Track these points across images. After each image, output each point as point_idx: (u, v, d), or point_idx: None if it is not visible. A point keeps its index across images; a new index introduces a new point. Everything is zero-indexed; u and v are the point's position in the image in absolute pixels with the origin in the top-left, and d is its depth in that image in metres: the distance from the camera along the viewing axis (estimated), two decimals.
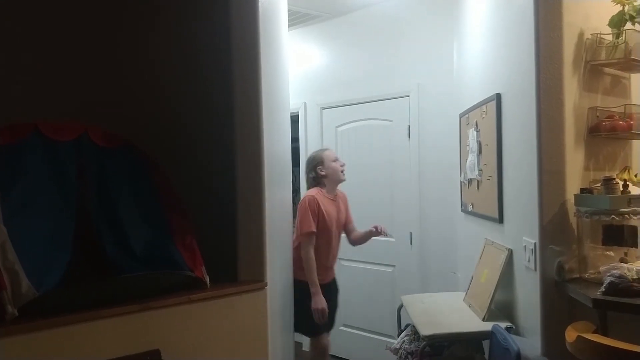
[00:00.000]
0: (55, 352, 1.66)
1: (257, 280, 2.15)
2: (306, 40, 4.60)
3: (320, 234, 3.33)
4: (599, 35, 2.28)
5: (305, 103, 4.64)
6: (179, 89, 2.37)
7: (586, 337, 1.71)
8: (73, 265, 1.78)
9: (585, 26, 2.29)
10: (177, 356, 1.89)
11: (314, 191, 3.38)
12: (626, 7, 2.22)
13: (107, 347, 1.76)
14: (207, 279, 2.02)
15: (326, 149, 3.60)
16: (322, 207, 3.32)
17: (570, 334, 1.79)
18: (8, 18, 2.10)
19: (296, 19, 4.30)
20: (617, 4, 2.23)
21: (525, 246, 2.35)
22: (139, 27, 2.37)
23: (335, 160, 3.44)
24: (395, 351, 2.87)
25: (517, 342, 2.13)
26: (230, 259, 2.16)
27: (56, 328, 1.67)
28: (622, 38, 2.23)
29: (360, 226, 4.20)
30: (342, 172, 3.42)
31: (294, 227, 3.29)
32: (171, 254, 1.94)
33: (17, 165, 1.75)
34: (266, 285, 2.17)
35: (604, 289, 1.96)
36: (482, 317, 2.57)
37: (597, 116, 2.29)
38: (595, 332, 1.86)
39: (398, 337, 2.99)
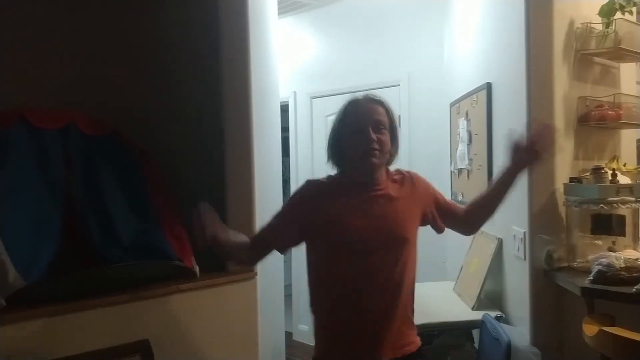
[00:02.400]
0: (43, 342, 1.65)
1: (247, 270, 2.15)
2: (296, 28, 4.56)
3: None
4: (589, 24, 2.28)
5: (295, 92, 4.61)
6: (166, 79, 2.34)
7: (609, 330, 1.70)
8: (60, 255, 1.76)
9: (576, 15, 2.29)
10: (166, 346, 1.88)
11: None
12: None
13: (95, 337, 1.75)
14: (197, 269, 2.01)
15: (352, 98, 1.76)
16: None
17: (590, 328, 1.78)
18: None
19: (286, 7, 4.27)
20: None
21: (514, 235, 2.36)
22: (126, 13, 2.33)
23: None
24: None
25: (507, 332, 2.14)
26: None
27: (44, 318, 1.66)
28: (612, 27, 2.24)
29: None
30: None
31: None
32: (160, 244, 1.92)
33: (2, 154, 1.72)
34: (256, 275, 2.17)
35: (592, 278, 1.97)
36: (472, 306, 2.58)
37: (587, 105, 2.29)
38: (612, 324, 1.85)
39: None
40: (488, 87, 2.68)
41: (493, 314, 2.42)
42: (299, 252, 4.64)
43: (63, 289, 1.76)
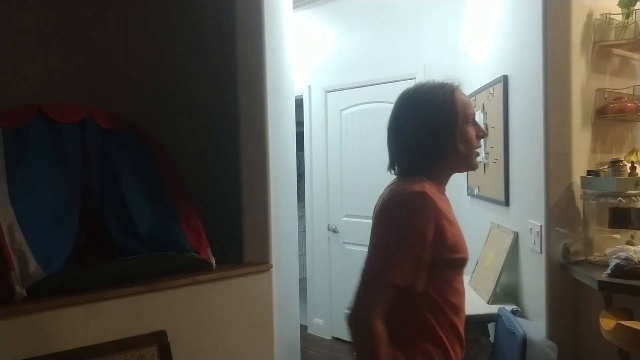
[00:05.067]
0: (62, 332, 1.68)
1: (262, 262, 2.16)
2: (311, 22, 4.56)
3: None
4: (608, 15, 2.24)
5: (309, 86, 4.61)
6: (183, 73, 2.36)
7: (627, 324, 1.68)
8: (79, 247, 1.80)
9: (595, 6, 2.25)
10: (183, 337, 1.91)
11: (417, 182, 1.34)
12: None
13: (113, 327, 1.77)
14: (213, 261, 2.03)
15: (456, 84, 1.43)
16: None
17: (607, 322, 1.77)
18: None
19: (300, 0, 4.26)
20: None
21: (531, 229, 2.35)
22: (142, 10, 2.35)
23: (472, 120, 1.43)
24: None
25: (522, 326, 2.13)
26: (235, 241, 2.17)
27: (64, 308, 1.69)
28: (632, 18, 2.20)
29: (363, 211, 4.22)
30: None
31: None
32: (176, 236, 1.94)
33: (22, 148, 1.75)
34: (271, 267, 2.18)
35: (609, 271, 1.95)
36: (487, 300, 2.57)
37: (605, 98, 2.26)
38: (630, 318, 1.83)
39: None
40: (504, 79, 2.66)
41: (509, 307, 2.40)
42: (314, 247, 4.63)
43: (81, 280, 1.79)
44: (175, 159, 2.14)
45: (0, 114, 1.76)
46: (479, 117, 3.07)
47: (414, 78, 3.88)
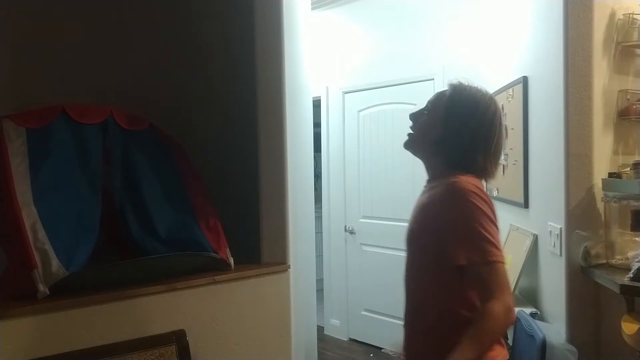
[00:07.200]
0: (83, 330, 1.71)
1: (280, 262, 2.17)
2: (329, 23, 4.56)
3: None
4: (631, 15, 2.21)
5: (327, 87, 4.61)
6: (201, 74, 2.38)
7: None
8: (100, 246, 1.82)
9: (617, 6, 2.22)
10: (202, 336, 1.92)
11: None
12: None
13: (133, 326, 1.79)
14: (232, 261, 2.04)
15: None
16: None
17: (629, 326, 1.75)
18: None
19: (318, 1, 4.27)
20: None
21: (550, 231, 2.32)
22: (161, 10, 2.38)
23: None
24: None
25: (542, 329, 2.11)
26: (254, 242, 2.18)
27: (85, 307, 1.72)
28: None
29: (381, 212, 4.18)
30: None
31: None
32: (195, 236, 1.96)
33: (45, 148, 1.78)
34: (289, 268, 2.19)
35: (632, 275, 1.92)
36: None
37: (628, 99, 2.23)
38: None
39: None
40: (524, 80, 2.63)
41: (528, 310, 2.38)
42: (330, 248, 4.62)
43: (102, 279, 1.81)
44: (194, 159, 2.16)
45: (24, 115, 1.80)
46: None
47: (433, 79, 3.86)
